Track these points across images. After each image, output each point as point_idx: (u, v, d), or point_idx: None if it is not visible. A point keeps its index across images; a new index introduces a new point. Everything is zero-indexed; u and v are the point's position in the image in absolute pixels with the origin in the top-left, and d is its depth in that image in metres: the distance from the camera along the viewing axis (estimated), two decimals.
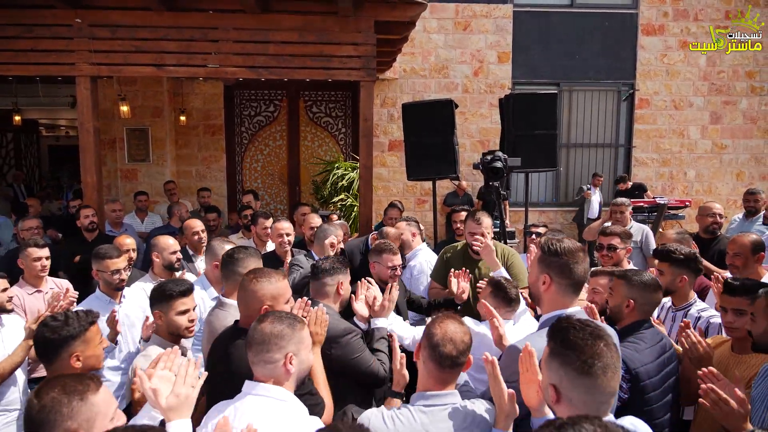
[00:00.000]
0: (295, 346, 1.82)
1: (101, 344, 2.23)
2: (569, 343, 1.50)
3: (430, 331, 1.87)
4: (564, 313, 1.93)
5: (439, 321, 1.90)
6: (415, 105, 5.80)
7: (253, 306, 2.18)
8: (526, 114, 5.48)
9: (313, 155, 9.60)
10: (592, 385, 1.46)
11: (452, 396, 1.85)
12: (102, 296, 3.30)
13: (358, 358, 2.45)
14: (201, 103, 9.30)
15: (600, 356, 1.47)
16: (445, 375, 1.85)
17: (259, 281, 2.20)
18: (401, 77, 9.34)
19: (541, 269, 1.99)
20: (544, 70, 9.54)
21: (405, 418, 1.80)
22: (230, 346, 2.17)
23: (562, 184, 9.96)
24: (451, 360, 1.81)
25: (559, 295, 1.98)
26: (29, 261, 3.66)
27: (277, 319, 1.83)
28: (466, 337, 1.87)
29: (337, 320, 2.52)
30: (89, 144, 5.22)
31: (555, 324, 1.60)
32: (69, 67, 5.12)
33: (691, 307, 3.00)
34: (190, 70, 5.34)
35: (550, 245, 1.98)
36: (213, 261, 3.27)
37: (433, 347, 1.83)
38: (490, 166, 4.88)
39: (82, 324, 2.12)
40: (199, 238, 4.61)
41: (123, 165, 9.01)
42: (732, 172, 10.04)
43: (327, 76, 5.27)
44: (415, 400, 1.86)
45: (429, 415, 1.79)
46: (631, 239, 3.59)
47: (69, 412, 1.46)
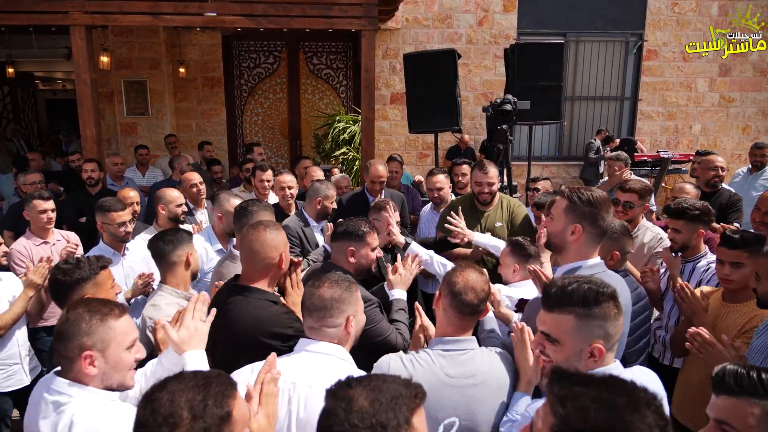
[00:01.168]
0: (353, 308, 1.85)
1: (113, 289, 2.26)
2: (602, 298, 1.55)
3: (451, 279, 1.91)
4: (581, 264, 1.99)
5: (459, 270, 1.94)
6: (417, 55, 5.66)
7: (267, 256, 2.15)
8: (532, 65, 5.35)
9: (313, 108, 9.47)
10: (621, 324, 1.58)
11: (470, 342, 1.90)
12: (106, 248, 3.32)
13: (374, 328, 2.36)
14: (199, 55, 9.10)
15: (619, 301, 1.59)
16: (465, 322, 1.90)
17: (272, 230, 2.19)
18: (403, 27, 9.09)
19: (572, 219, 1.98)
20: (550, 20, 9.26)
21: (424, 361, 1.84)
22: (229, 301, 2.14)
23: (566, 137, 9.85)
24: (472, 308, 1.87)
25: (585, 245, 1.99)
26: (35, 213, 3.69)
27: (334, 283, 1.84)
28: (486, 285, 1.93)
29: None
30: (86, 96, 5.15)
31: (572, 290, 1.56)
32: (62, 15, 4.99)
33: (701, 259, 2.99)
34: (186, 18, 5.20)
35: (581, 194, 1.97)
36: (218, 212, 3.27)
37: (454, 295, 1.87)
38: (500, 109, 4.81)
39: (93, 268, 2.16)
40: (198, 190, 4.58)
41: (122, 119, 8.91)
42: (738, 126, 9.91)
43: (327, 25, 5.14)
44: (434, 344, 1.91)
45: (448, 359, 1.84)
46: (650, 195, 3.49)
47: (87, 328, 1.56)
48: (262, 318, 2.08)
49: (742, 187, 5.35)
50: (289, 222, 3.69)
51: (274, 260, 2.17)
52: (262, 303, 2.12)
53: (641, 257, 3.36)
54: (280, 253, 2.18)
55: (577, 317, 1.51)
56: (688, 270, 3.02)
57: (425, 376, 1.80)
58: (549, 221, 2.08)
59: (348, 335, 1.84)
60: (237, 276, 2.29)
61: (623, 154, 5.42)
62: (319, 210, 3.83)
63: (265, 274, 2.18)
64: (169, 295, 2.49)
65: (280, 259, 2.18)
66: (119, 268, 3.29)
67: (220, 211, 3.24)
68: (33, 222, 3.73)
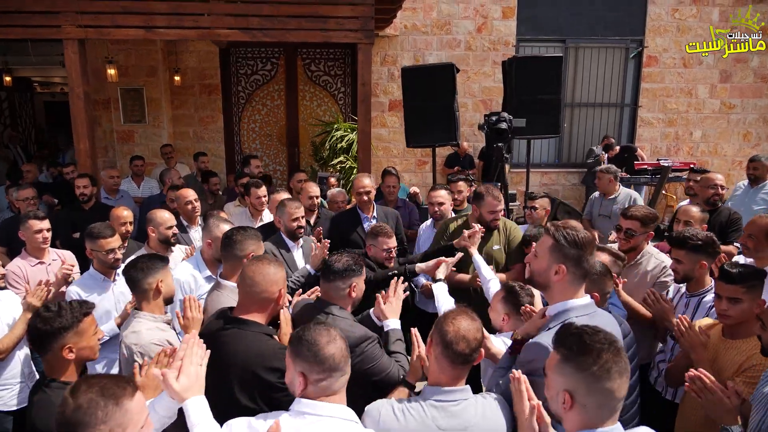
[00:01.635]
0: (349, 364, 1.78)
1: (96, 335, 2.20)
2: (586, 348, 1.48)
3: (443, 328, 1.86)
4: (570, 305, 1.94)
5: (451, 318, 1.89)
6: (415, 69, 5.62)
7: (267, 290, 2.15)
8: (530, 78, 5.30)
9: (312, 115, 9.41)
10: (609, 389, 1.46)
11: (463, 392, 1.85)
12: (96, 274, 3.28)
13: (375, 366, 2.30)
14: (196, 62, 9.05)
15: (615, 360, 1.47)
16: (458, 371, 1.85)
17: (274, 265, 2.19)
18: (402, 34, 9.03)
19: (556, 258, 1.94)
20: (549, 26, 9.21)
21: (416, 412, 1.80)
22: (224, 334, 2.13)
23: (566, 145, 9.79)
24: (464, 358, 1.83)
25: (571, 285, 1.95)
26: (30, 234, 3.68)
27: (341, 339, 1.74)
28: (478, 333, 1.88)
29: (351, 326, 2.33)
30: (80, 109, 5.10)
31: (564, 330, 1.58)
32: (55, 29, 4.94)
33: (706, 294, 2.86)
34: (181, 32, 5.14)
35: (566, 235, 1.93)
36: (207, 239, 3.21)
37: (446, 345, 1.82)
38: (495, 128, 4.77)
39: (75, 315, 2.09)
40: (193, 207, 4.52)
41: (119, 126, 8.87)
42: (739, 132, 9.84)
43: (323, 39, 5.08)
44: (426, 394, 1.86)
45: (440, 410, 1.80)
46: (655, 222, 3.34)
47: (103, 416, 1.43)
48: (261, 351, 2.08)
49: (743, 200, 5.30)
50: (265, 246, 3.60)
51: (273, 295, 2.18)
52: (259, 336, 2.13)
53: (644, 286, 3.19)
54: (279, 288, 2.20)
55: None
56: (693, 305, 2.91)
57: (417, 428, 1.78)
58: (533, 258, 2.04)
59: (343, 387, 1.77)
60: (231, 308, 2.26)
61: (613, 167, 5.41)
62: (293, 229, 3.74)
63: (263, 308, 2.18)
64: (146, 320, 2.47)
65: (279, 294, 2.19)
66: (110, 294, 3.25)
67: (210, 237, 3.17)
68: (29, 242, 3.71)
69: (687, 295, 2.97)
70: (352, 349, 2.22)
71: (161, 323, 2.51)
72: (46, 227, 3.71)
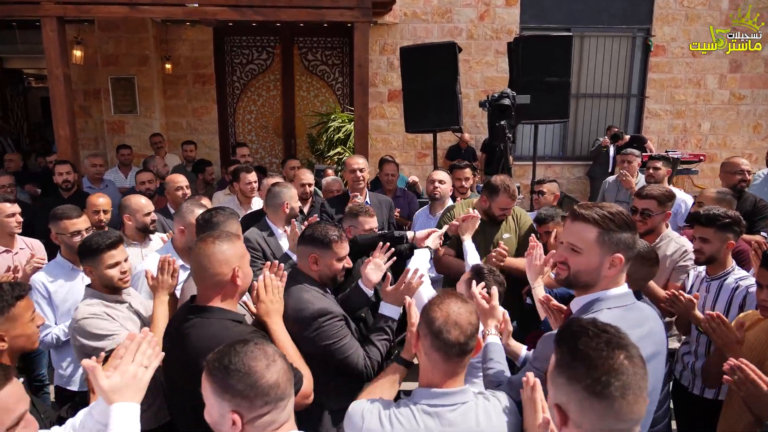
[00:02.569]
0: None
1: (33, 321, 1.92)
2: (579, 354, 1.16)
3: (429, 315, 1.55)
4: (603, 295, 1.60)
5: (438, 302, 1.58)
6: (415, 49, 5.30)
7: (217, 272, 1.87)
8: (537, 59, 5.00)
9: (308, 106, 9.12)
10: (608, 409, 1.11)
11: (462, 394, 1.55)
12: (64, 262, 2.99)
13: (332, 346, 2.10)
14: (189, 51, 8.76)
15: (618, 373, 1.11)
16: (453, 366, 1.54)
17: (222, 243, 1.90)
18: (402, 22, 8.73)
19: (609, 248, 1.58)
20: (554, 14, 8.90)
21: (406, 419, 1.51)
22: (186, 325, 1.86)
23: (570, 136, 9.49)
24: (459, 347, 1.51)
25: (620, 275, 1.62)
26: (2, 218, 3.41)
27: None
28: (472, 317, 1.56)
29: (312, 299, 2.17)
30: (60, 93, 4.82)
31: (564, 327, 1.25)
32: (33, 6, 4.65)
33: (728, 276, 2.64)
34: (167, 9, 4.86)
35: (614, 218, 1.57)
36: (180, 225, 2.89)
37: (435, 335, 1.52)
38: (497, 104, 4.45)
39: (5, 299, 1.81)
40: (183, 194, 4.27)
41: (109, 117, 8.57)
42: (749, 124, 9.54)
43: (317, 17, 4.79)
44: (417, 397, 1.56)
45: (434, 417, 1.50)
46: (672, 201, 3.13)
47: None
48: (225, 340, 1.77)
49: (763, 189, 5.02)
50: (248, 234, 3.33)
51: (225, 276, 1.87)
52: (224, 323, 1.85)
53: (664, 271, 3.00)
54: (232, 268, 1.88)
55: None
56: (715, 289, 2.67)
57: None
58: (573, 257, 1.63)
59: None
60: (193, 297, 1.98)
61: (635, 151, 5.15)
62: (288, 215, 3.48)
63: (219, 291, 1.89)
64: (93, 299, 2.37)
65: (233, 275, 1.88)
66: (79, 283, 2.94)
67: (183, 223, 2.85)
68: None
69: (707, 278, 2.74)
70: (309, 323, 2.08)
71: (111, 302, 2.37)
72: (17, 211, 3.46)
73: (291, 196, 3.49)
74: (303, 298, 2.17)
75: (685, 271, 2.95)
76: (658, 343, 1.60)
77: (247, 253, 2.01)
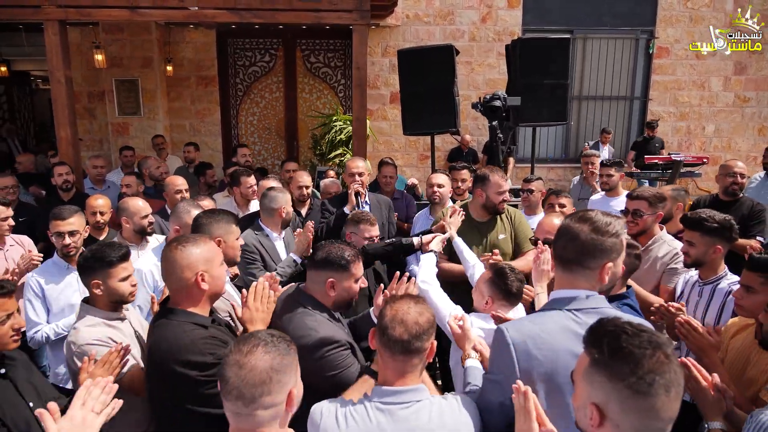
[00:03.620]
0: (295, 377, 1.41)
1: (10, 322, 1.88)
2: (622, 352, 1.16)
3: (382, 312, 1.63)
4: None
5: (392, 301, 1.64)
6: (413, 51, 5.31)
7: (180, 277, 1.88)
8: (536, 61, 5.00)
9: (311, 108, 9.15)
10: (651, 407, 1.13)
11: (415, 392, 1.58)
12: (60, 262, 3.02)
13: (337, 376, 1.97)
14: (192, 53, 8.82)
15: (663, 371, 1.13)
16: (400, 364, 1.58)
17: (185, 248, 1.90)
18: (403, 24, 8.75)
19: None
20: (556, 16, 8.89)
21: (360, 416, 1.56)
22: (155, 325, 1.90)
23: (572, 139, 9.48)
24: (401, 345, 1.55)
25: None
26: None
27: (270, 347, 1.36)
28: (421, 318, 1.59)
29: (315, 325, 2.03)
30: (61, 95, 4.86)
31: (597, 326, 1.25)
32: (34, 10, 4.70)
33: (721, 281, 2.63)
34: (166, 13, 4.89)
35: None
36: (175, 225, 2.92)
37: (382, 331, 1.58)
38: (488, 105, 4.49)
39: None
40: (182, 197, 4.29)
41: (113, 118, 8.64)
42: (754, 126, 9.49)
43: (316, 20, 4.81)
44: (373, 395, 1.61)
45: (387, 414, 1.55)
46: (663, 203, 3.13)
47: None
48: (179, 343, 1.80)
49: (759, 193, 4.99)
50: (245, 236, 3.34)
51: (189, 281, 1.88)
52: (185, 326, 1.85)
53: (654, 273, 3.01)
54: (196, 272, 1.88)
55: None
56: (708, 293, 2.66)
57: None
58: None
59: (288, 415, 1.39)
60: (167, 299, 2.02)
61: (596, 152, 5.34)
62: (283, 219, 3.51)
63: (184, 295, 1.90)
64: (91, 315, 2.17)
65: (196, 279, 1.88)
66: (72, 282, 2.98)
67: (179, 223, 2.88)
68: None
69: (700, 283, 2.73)
70: (311, 351, 1.95)
71: (113, 320, 2.20)
72: (10, 215, 3.51)
73: (286, 201, 3.51)
74: (305, 323, 2.03)
75: (676, 273, 2.95)
76: None
77: (219, 256, 2.00)
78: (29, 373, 2.01)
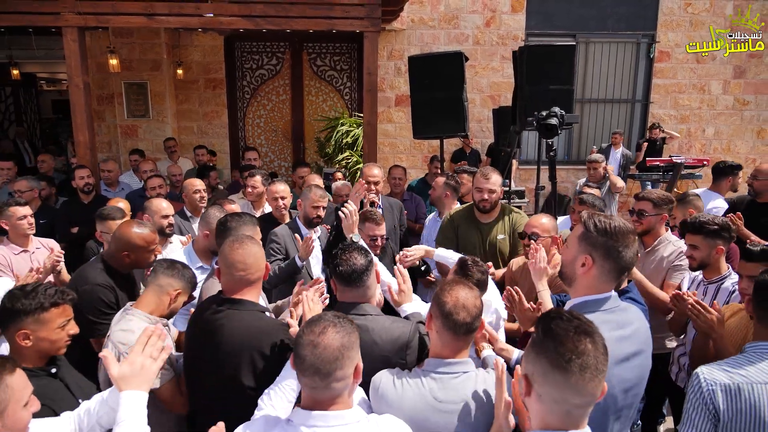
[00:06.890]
0: (358, 352, 1.56)
1: (65, 329, 1.98)
2: (551, 332, 1.34)
3: (441, 299, 1.79)
4: (587, 300, 1.79)
5: (448, 288, 1.82)
6: (423, 58, 5.44)
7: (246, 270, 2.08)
8: (541, 68, 5.11)
9: (317, 111, 9.28)
10: (565, 382, 1.28)
11: (464, 364, 1.79)
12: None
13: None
14: (200, 56, 8.94)
15: (582, 353, 1.28)
16: (461, 343, 1.80)
17: (242, 247, 2.08)
18: (409, 28, 8.88)
19: (583, 248, 1.76)
20: (559, 20, 9.03)
21: (414, 383, 1.77)
22: (219, 316, 2.02)
23: (575, 141, 9.61)
24: (465, 327, 1.76)
25: (597, 280, 1.76)
26: (14, 221, 3.57)
27: (339, 328, 1.52)
28: (477, 301, 1.82)
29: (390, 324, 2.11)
30: (80, 100, 4.99)
31: (544, 314, 1.45)
32: (54, 17, 4.83)
33: (725, 280, 2.80)
34: (183, 20, 5.02)
35: (597, 222, 1.75)
36: (205, 229, 3.06)
37: (446, 316, 1.76)
38: (545, 123, 4.40)
39: (40, 302, 1.90)
40: (201, 197, 4.39)
41: (123, 121, 8.76)
42: (753, 129, 9.63)
43: (328, 26, 4.94)
44: (428, 366, 1.81)
45: (439, 382, 1.75)
46: (669, 205, 3.25)
47: None
48: (261, 328, 2.00)
49: None
50: (278, 230, 3.52)
51: (262, 271, 2.13)
52: (256, 314, 2.06)
53: (660, 271, 3.14)
54: (261, 266, 2.13)
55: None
56: (712, 292, 2.81)
57: (413, 399, 1.73)
58: (564, 248, 1.91)
59: (354, 385, 1.55)
60: (221, 291, 2.15)
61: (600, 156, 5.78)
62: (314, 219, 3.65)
63: (254, 287, 2.11)
64: (138, 318, 2.22)
65: (267, 269, 2.17)
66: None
67: (207, 228, 3.02)
68: (13, 230, 3.60)
69: (705, 282, 2.89)
70: (405, 347, 2.03)
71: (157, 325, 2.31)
72: (29, 213, 3.62)
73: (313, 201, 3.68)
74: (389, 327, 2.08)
75: (681, 270, 3.08)
76: (643, 342, 1.78)
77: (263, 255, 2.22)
78: (71, 371, 2.13)
